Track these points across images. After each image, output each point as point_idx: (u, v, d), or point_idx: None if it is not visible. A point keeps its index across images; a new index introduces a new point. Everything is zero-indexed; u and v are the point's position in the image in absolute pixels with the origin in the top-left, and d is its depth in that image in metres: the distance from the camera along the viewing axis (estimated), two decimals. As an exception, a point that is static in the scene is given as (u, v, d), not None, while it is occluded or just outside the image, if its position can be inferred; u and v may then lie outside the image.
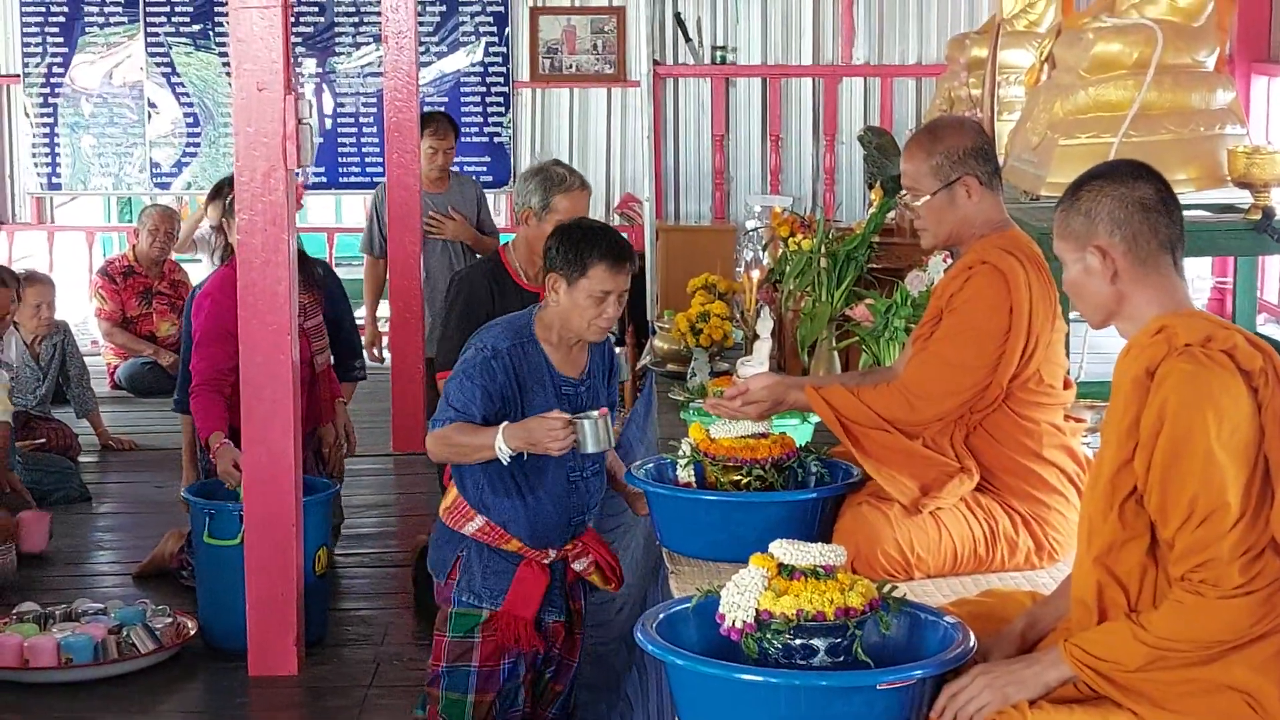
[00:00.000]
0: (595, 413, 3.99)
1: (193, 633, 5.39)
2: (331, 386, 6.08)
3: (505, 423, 3.98)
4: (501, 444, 3.96)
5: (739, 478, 3.93)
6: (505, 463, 3.98)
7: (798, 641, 2.87)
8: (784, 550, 2.98)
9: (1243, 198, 5.51)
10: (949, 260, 4.92)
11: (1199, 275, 8.86)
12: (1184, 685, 2.75)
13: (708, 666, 2.86)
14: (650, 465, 4.15)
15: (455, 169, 8.09)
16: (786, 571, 2.95)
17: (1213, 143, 5.72)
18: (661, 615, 3.08)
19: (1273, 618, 2.72)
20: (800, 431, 4.53)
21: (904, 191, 3.99)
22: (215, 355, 5.48)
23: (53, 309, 7.96)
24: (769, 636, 2.87)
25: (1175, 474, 2.73)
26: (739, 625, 2.90)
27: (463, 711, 4.22)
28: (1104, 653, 2.77)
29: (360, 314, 7.74)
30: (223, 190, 5.91)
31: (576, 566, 4.28)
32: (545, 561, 4.18)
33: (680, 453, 4.06)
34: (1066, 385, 3.99)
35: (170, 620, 5.36)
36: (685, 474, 4.03)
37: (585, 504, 4.25)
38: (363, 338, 7.17)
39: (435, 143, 7.72)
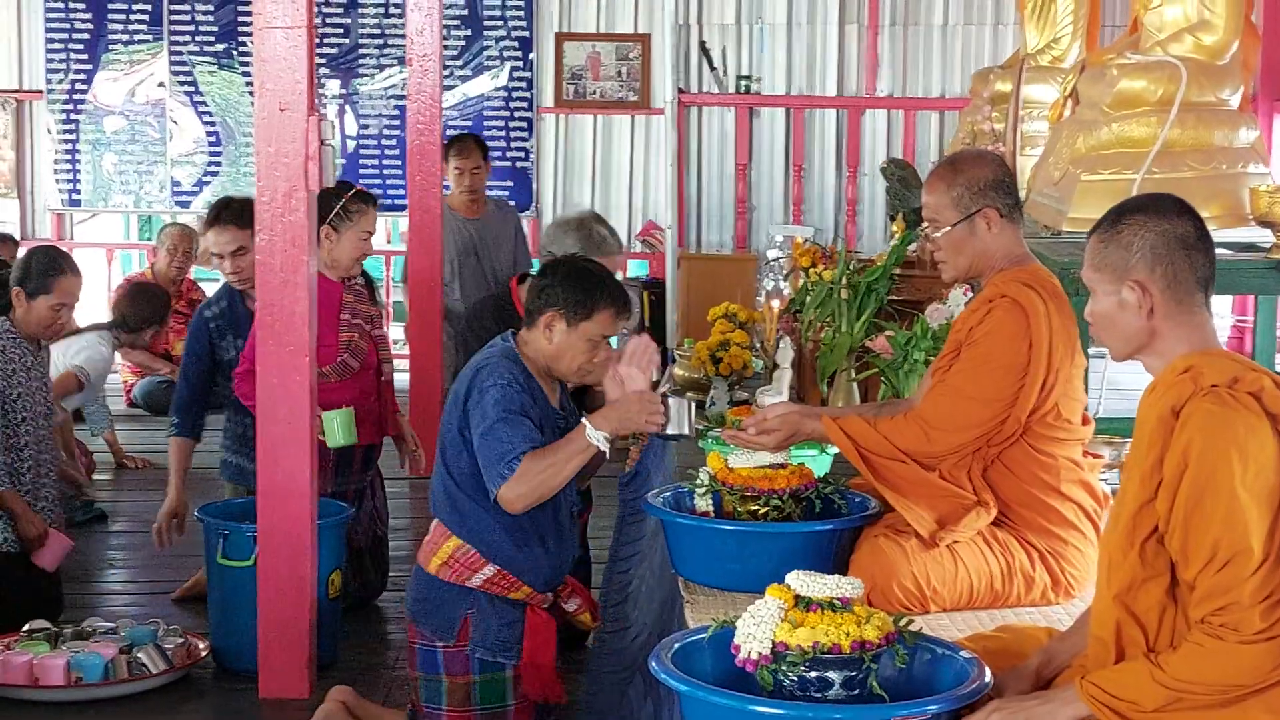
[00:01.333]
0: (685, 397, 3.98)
1: (204, 654, 5.37)
2: (392, 399, 6.08)
3: (585, 418, 3.93)
4: (595, 435, 3.90)
5: (756, 508, 3.91)
6: (604, 449, 3.91)
7: (813, 674, 2.85)
8: (800, 582, 2.96)
9: (1264, 237, 5.49)
10: (969, 294, 4.91)
11: (1219, 314, 8.84)
12: None
13: (722, 698, 2.84)
14: (668, 494, 4.14)
15: (495, 196, 8.08)
16: (803, 603, 2.93)
17: (1235, 181, 5.71)
18: (677, 645, 3.06)
19: None
20: (819, 463, 4.51)
21: (925, 223, 3.99)
22: None
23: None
24: (784, 668, 2.85)
25: (1199, 516, 2.72)
26: (755, 656, 2.88)
27: None
28: (1121, 692, 2.75)
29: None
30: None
31: (569, 607, 4.25)
32: (546, 606, 4.15)
33: (698, 481, 4.05)
34: (1085, 421, 3.97)
35: (181, 641, 5.34)
36: (703, 503, 4.02)
37: (578, 540, 4.23)
38: None
39: (460, 162, 7.72)
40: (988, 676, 2.91)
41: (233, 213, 5.95)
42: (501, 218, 7.88)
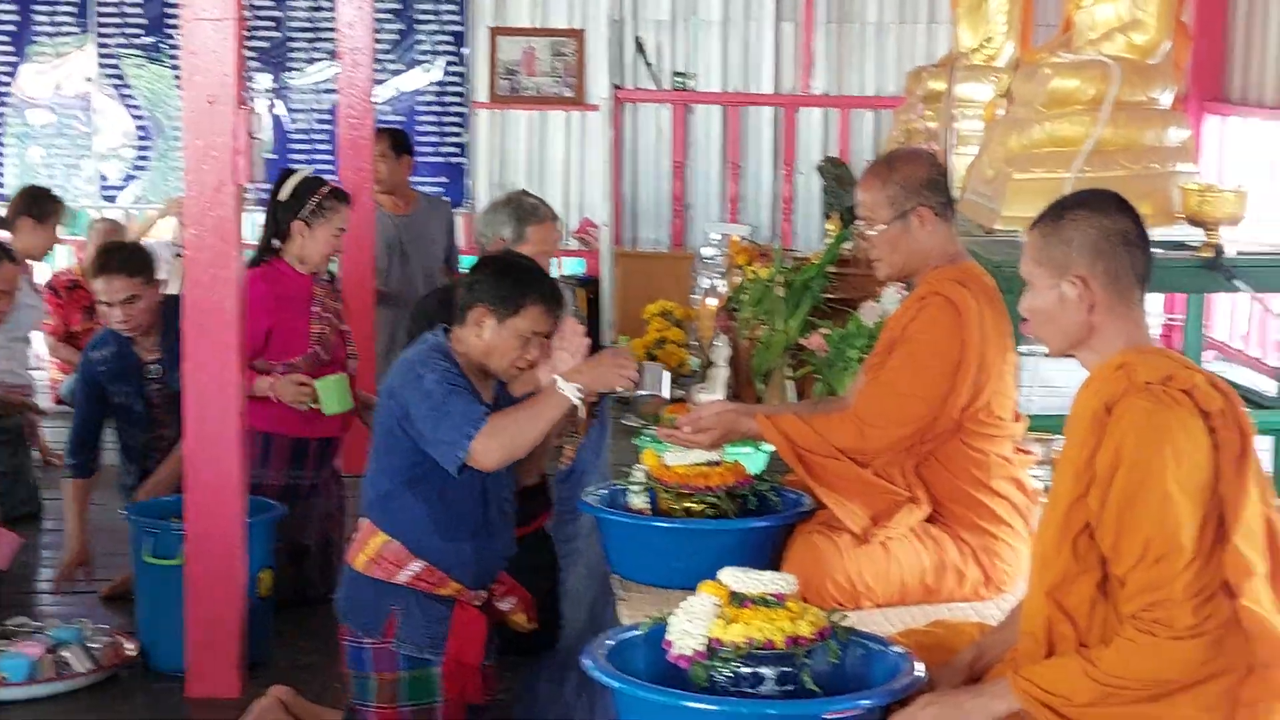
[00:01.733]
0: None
1: (132, 653, 5.31)
2: (358, 394, 6.05)
3: (557, 374, 3.91)
4: (566, 388, 3.87)
5: (692, 505, 3.91)
6: (576, 402, 3.89)
7: (747, 670, 2.85)
8: (735, 578, 2.96)
9: (1194, 235, 5.53)
10: (903, 291, 4.93)
11: (1148, 312, 8.90)
12: None
13: (655, 694, 2.83)
14: (603, 491, 4.13)
15: (427, 192, 8.00)
16: (737, 599, 2.93)
17: (1166, 180, 5.75)
18: (611, 642, 3.05)
19: (1222, 659, 2.72)
20: (753, 460, 4.51)
21: (860, 221, 4.00)
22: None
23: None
24: (718, 664, 2.85)
25: (1131, 513, 2.73)
26: (689, 653, 2.88)
27: None
28: (1054, 687, 2.76)
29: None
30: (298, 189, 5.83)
31: (503, 606, 4.23)
32: (478, 604, 4.12)
33: (633, 479, 4.04)
34: (1016, 418, 4.00)
35: (109, 640, 5.27)
36: (638, 500, 4.01)
37: (512, 538, 4.20)
38: None
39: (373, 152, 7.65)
40: (920, 671, 2.92)
41: (121, 260, 5.87)
42: (431, 214, 7.81)
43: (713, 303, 5.97)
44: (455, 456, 3.84)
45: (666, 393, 4.03)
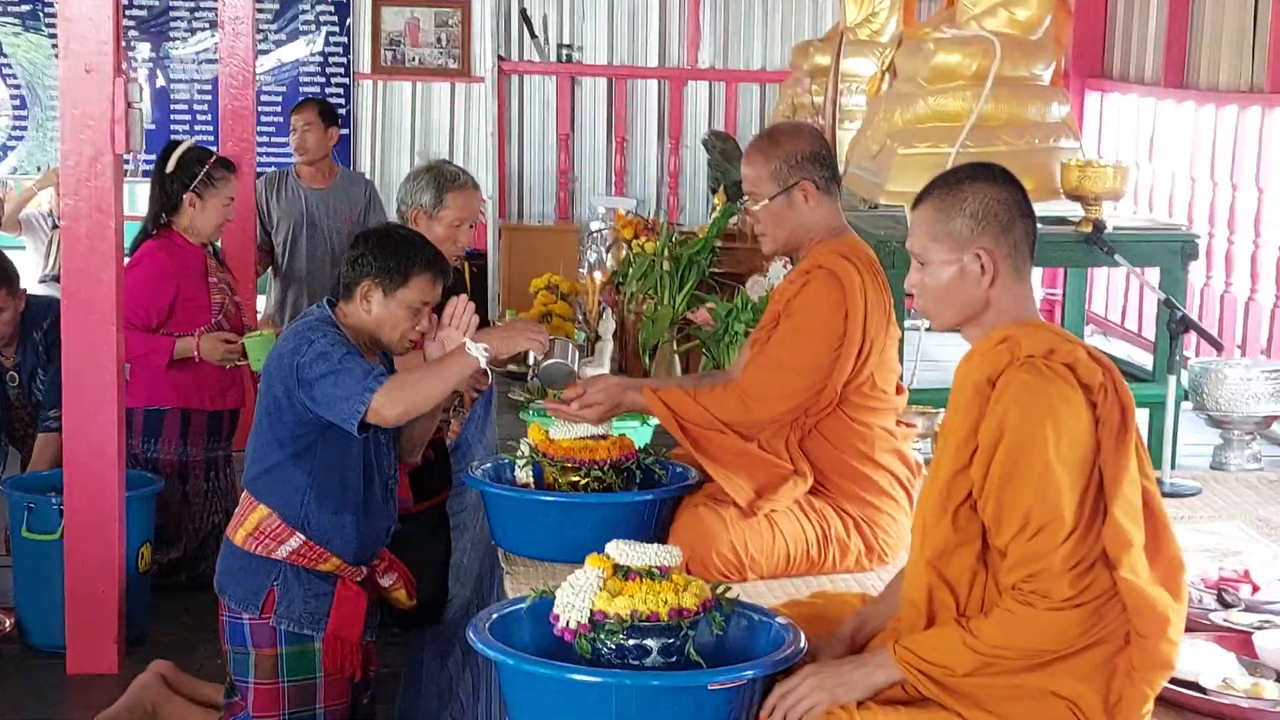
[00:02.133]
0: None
1: (8, 629, 5.23)
2: None
3: (467, 336, 3.89)
4: (474, 348, 3.83)
5: (577, 479, 3.91)
6: (483, 362, 3.86)
7: (631, 642, 2.85)
8: (620, 551, 2.96)
9: (1074, 210, 5.61)
10: (789, 266, 4.95)
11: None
12: (1011, 691, 2.77)
13: (538, 667, 2.83)
14: (489, 465, 4.12)
15: (345, 167, 7.86)
16: (622, 572, 2.93)
17: (1047, 155, 5.82)
18: (495, 616, 3.04)
19: (1100, 629, 2.75)
20: (640, 434, 4.52)
21: (745, 196, 4.01)
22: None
23: None
24: (603, 637, 2.85)
25: (1012, 485, 2.75)
26: (573, 626, 2.88)
27: None
28: (934, 656, 2.79)
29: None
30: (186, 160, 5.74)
31: (384, 582, 4.21)
32: (358, 580, 4.10)
33: (519, 453, 4.03)
34: (899, 391, 4.03)
35: (-15, 617, 5.20)
36: (524, 475, 4.01)
37: (394, 515, 4.18)
38: None
39: (294, 119, 7.53)
40: (802, 642, 2.94)
41: None
42: (349, 189, 7.69)
43: (599, 277, 5.96)
44: (355, 411, 3.79)
45: (576, 366, 4.02)
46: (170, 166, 5.69)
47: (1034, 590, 2.74)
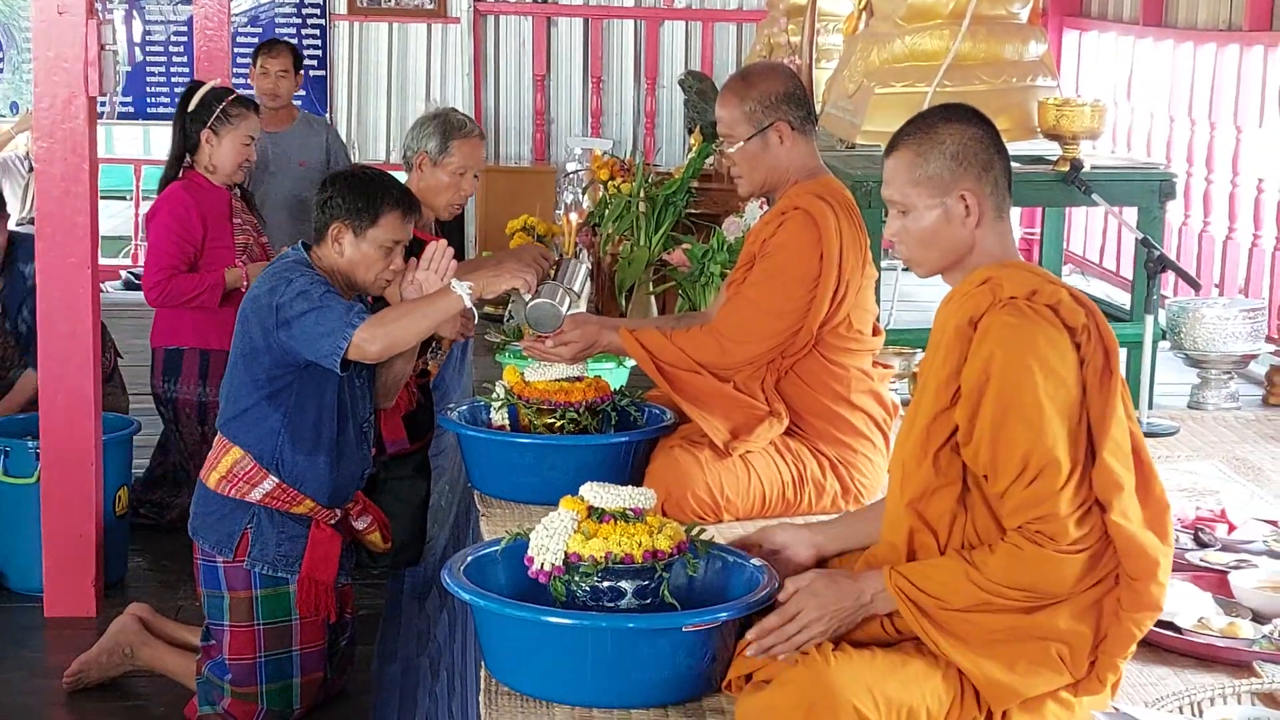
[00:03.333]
0: None
1: (-14, 574, 5.24)
2: None
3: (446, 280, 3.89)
4: (459, 286, 3.84)
5: (553, 421, 3.91)
6: (468, 305, 3.87)
7: (605, 584, 2.86)
8: (594, 493, 2.96)
9: (1052, 149, 5.60)
10: (765, 207, 4.94)
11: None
12: (1004, 632, 2.73)
13: (513, 609, 2.84)
14: (464, 408, 4.12)
15: (304, 109, 7.77)
16: (596, 514, 2.94)
17: (1024, 94, 5.79)
18: (470, 558, 3.05)
19: (1097, 573, 2.73)
20: (615, 376, 4.53)
21: (720, 138, 3.99)
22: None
23: None
24: (577, 579, 2.86)
25: (1006, 430, 2.71)
26: (547, 568, 2.88)
27: (290, 697, 4.12)
28: (930, 587, 2.74)
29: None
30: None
31: (359, 525, 4.22)
32: (332, 522, 4.10)
33: (495, 395, 4.03)
34: (875, 332, 4.03)
35: (-38, 561, 5.19)
36: (499, 417, 4.01)
37: (369, 459, 4.18)
38: None
39: (267, 62, 7.42)
40: (777, 583, 2.93)
41: None
42: (306, 134, 7.62)
43: (575, 218, 5.93)
44: (337, 347, 3.81)
45: (578, 286, 4.00)
46: (191, 106, 5.65)
47: (1040, 531, 2.69)
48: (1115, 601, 2.75)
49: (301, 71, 7.59)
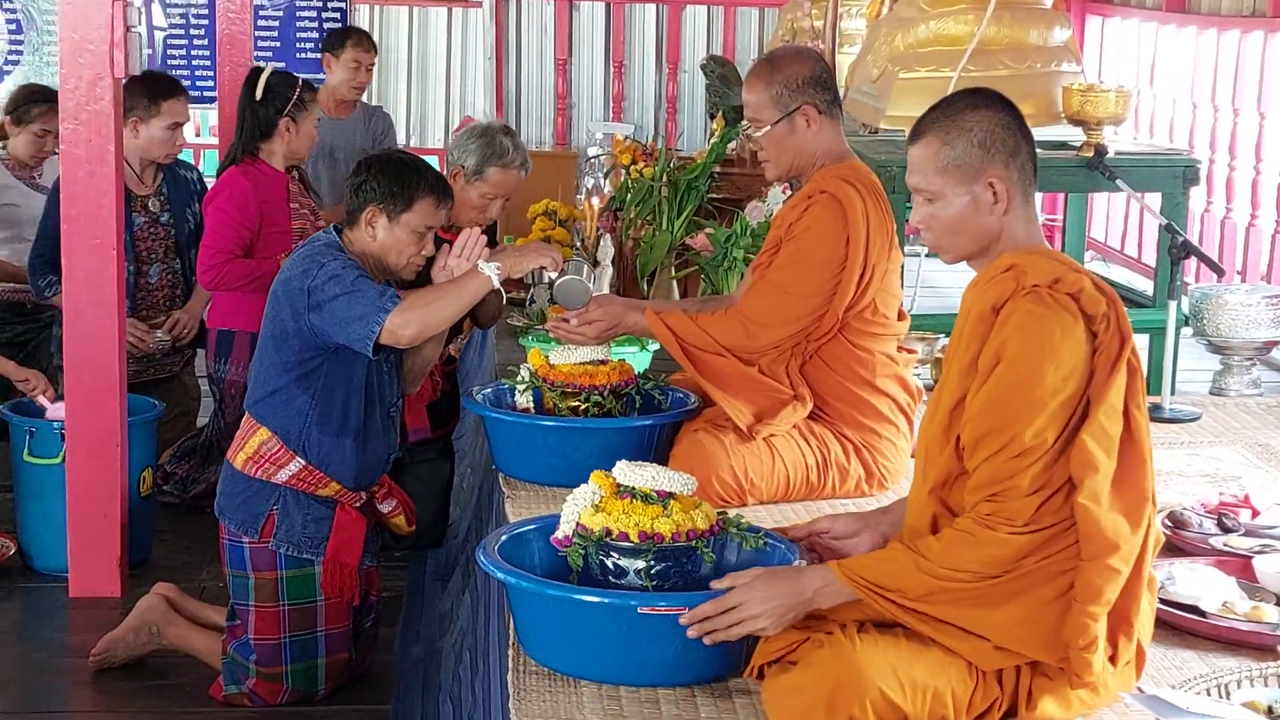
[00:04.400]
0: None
1: (11, 552, 5.25)
2: None
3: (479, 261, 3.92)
4: (486, 267, 3.87)
5: (577, 404, 3.92)
6: (495, 282, 3.90)
7: (610, 560, 2.91)
8: (624, 471, 2.98)
9: (1076, 135, 5.60)
10: (788, 191, 4.94)
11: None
12: (968, 618, 2.72)
13: (553, 589, 2.86)
14: (489, 390, 4.13)
15: (365, 100, 7.78)
16: (626, 491, 2.96)
17: (1048, 80, 5.79)
18: (504, 537, 3.07)
19: (1040, 554, 2.70)
20: (639, 359, 4.53)
21: (746, 122, 3.99)
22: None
23: None
24: (592, 551, 2.89)
25: (997, 410, 2.71)
26: (561, 537, 2.96)
27: (315, 678, 4.15)
28: (884, 581, 2.73)
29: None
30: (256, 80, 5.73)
31: (384, 508, 4.23)
32: (358, 505, 4.12)
33: (519, 378, 4.04)
34: (901, 316, 4.03)
35: (-12, 541, 5.21)
36: (524, 400, 4.02)
37: (395, 443, 4.20)
38: None
39: (359, 55, 7.42)
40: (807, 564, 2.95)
41: None
42: (367, 123, 7.62)
43: (597, 202, 5.95)
44: (370, 331, 3.83)
45: (592, 284, 4.03)
46: (259, 93, 5.66)
47: (991, 512, 2.69)
48: (1072, 592, 2.70)
49: None
